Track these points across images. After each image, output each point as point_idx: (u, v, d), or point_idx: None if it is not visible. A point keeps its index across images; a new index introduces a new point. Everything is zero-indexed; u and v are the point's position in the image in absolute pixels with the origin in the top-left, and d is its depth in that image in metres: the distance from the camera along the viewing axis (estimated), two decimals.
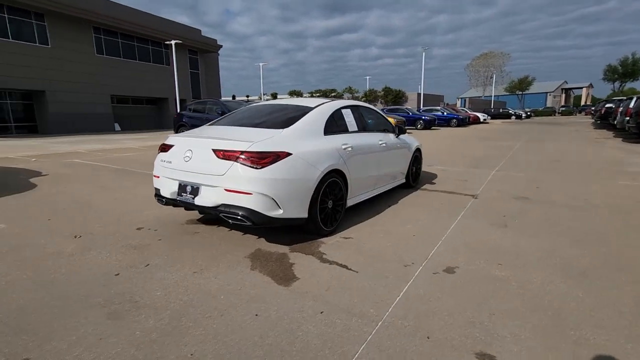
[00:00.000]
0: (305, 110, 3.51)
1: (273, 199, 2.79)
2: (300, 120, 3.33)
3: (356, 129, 3.98)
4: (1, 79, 20.61)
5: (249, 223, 2.79)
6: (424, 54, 32.16)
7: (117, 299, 2.27)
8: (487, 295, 2.34)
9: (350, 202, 3.78)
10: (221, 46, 35.21)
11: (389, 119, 16.46)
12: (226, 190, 2.78)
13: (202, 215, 3.99)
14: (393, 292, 2.38)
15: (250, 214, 2.77)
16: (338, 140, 3.50)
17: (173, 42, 23.03)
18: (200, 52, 33.60)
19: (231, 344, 1.84)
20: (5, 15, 21.00)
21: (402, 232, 3.56)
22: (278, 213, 2.85)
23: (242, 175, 2.74)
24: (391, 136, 4.74)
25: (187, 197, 3.00)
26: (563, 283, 2.51)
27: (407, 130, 20.42)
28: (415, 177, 5.56)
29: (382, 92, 39.84)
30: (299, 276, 2.60)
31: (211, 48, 34.20)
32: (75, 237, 3.34)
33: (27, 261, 2.82)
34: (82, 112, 24.27)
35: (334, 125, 3.65)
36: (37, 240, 3.28)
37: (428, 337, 1.90)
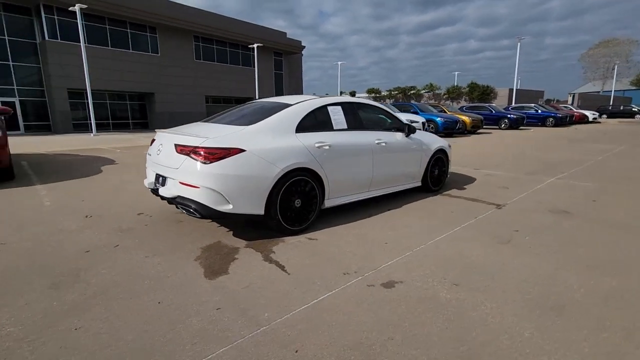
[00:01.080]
0: (282, 108, 3.49)
1: (221, 193, 2.86)
2: (269, 117, 3.32)
3: (345, 127, 3.79)
4: (123, 84, 24.75)
5: (199, 216, 2.92)
6: (519, 44, 28.46)
7: (70, 272, 2.60)
8: (407, 317, 2.05)
9: (330, 203, 3.64)
10: (304, 47, 36.54)
11: (463, 117, 15.11)
12: (180, 182, 2.95)
13: None
14: (306, 299, 2.24)
15: (199, 207, 2.89)
16: (312, 139, 3.39)
17: (255, 45, 24.74)
18: (285, 53, 35.42)
19: (115, 325, 1.97)
20: (128, 31, 25.11)
21: (378, 238, 3.30)
22: (227, 208, 2.91)
23: (192, 169, 2.88)
24: (398, 135, 4.39)
25: (158, 187, 3.26)
26: (518, 316, 2.06)
27: (488, 130, 18.45)
28: (436, 180, 5.05)
29: (467, 89, 36.55)
30: (230, 271, 2.62)
31: (295, 49, 35.78)
32: (87, 217, 3.90)
33: (37, 234, 3.40)
34: (181, 111, 27.70)
35: (313, 122, 3.54)
36: (59, 217, 3.92)
37: (296, 351, 1.76)
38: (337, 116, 3.77)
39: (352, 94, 57.72)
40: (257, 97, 26.30)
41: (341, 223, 3.69)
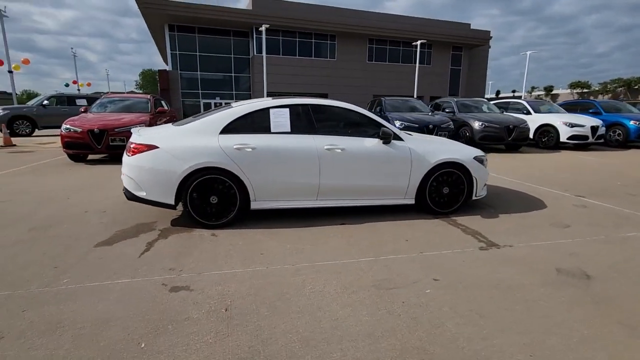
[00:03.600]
0: (221, 110, 3.71)
1: (135, 181, 3.43)
2: (201, 119, 3.62)
3: (287, 130, 3.62)
4: (304, 86, 28.75)
5: (127, 197, 3.58)
6: None
7: (52, 223, 3.73)
8: (123, 316, 2.06)
9: (259, 206, 3.59)
10: (491, 37, 32.33)
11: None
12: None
13: None
14: (87, 282, 2.51)
15: (125, 190, 3.56)
16: (233, 140, 3.46)
17: (418, 42, 23.90)
18: (466, 47, 32.43)
19: (5, 254, 2.86)
20: (312, 41, 28.98)
21: (263, 248, 3.09)
22: (142, 194, 3.45)
23: (125, 159, 3.56)
24: (369, 142, 3.73)
25: None
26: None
27: None
28: (445, 201, 3.96)
29: None
30: (114, 246, 3.13)
31: (480, 41, 32.21)
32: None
33: (83, 196, 4.87)
34: None
35: (246, 125, 3.57)
36: (116, 186, 5.41)
37: (26, 315, 2.15)
38: (280, 119, 3.65)
39: (549, 90, 45.89)
40: (414, 96, 25.47)
41: (268, 227, 3.60)
